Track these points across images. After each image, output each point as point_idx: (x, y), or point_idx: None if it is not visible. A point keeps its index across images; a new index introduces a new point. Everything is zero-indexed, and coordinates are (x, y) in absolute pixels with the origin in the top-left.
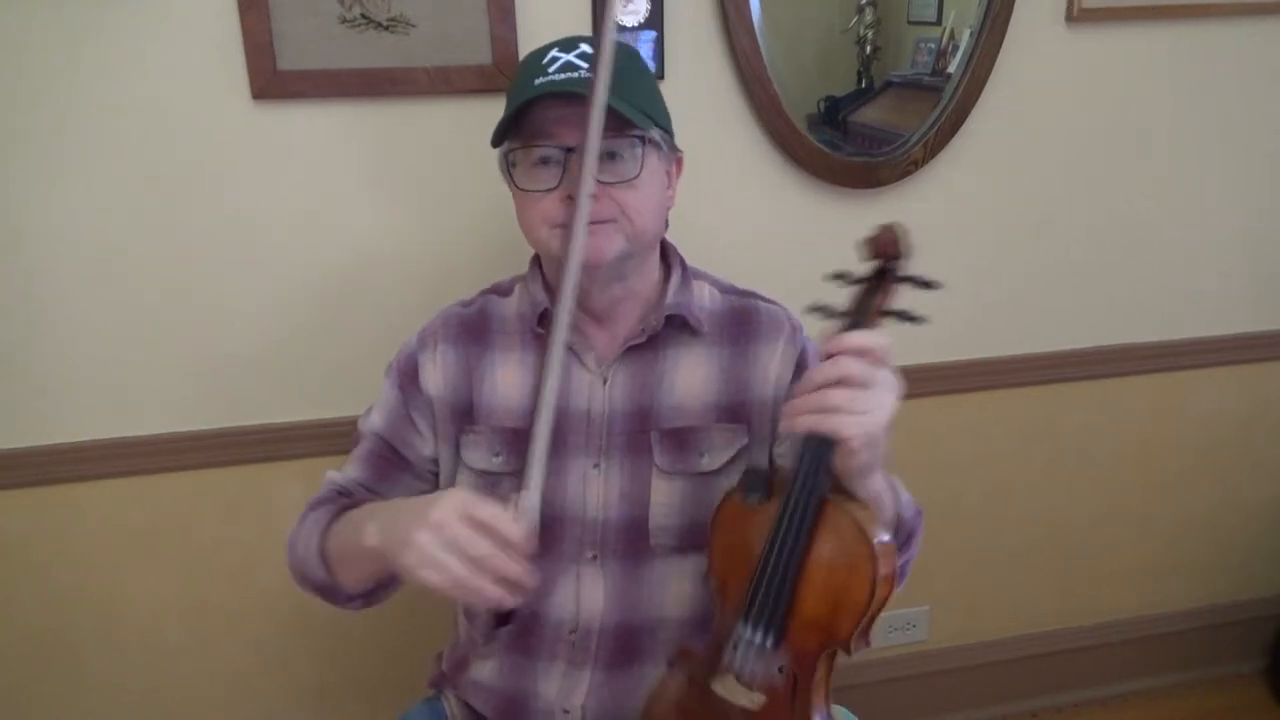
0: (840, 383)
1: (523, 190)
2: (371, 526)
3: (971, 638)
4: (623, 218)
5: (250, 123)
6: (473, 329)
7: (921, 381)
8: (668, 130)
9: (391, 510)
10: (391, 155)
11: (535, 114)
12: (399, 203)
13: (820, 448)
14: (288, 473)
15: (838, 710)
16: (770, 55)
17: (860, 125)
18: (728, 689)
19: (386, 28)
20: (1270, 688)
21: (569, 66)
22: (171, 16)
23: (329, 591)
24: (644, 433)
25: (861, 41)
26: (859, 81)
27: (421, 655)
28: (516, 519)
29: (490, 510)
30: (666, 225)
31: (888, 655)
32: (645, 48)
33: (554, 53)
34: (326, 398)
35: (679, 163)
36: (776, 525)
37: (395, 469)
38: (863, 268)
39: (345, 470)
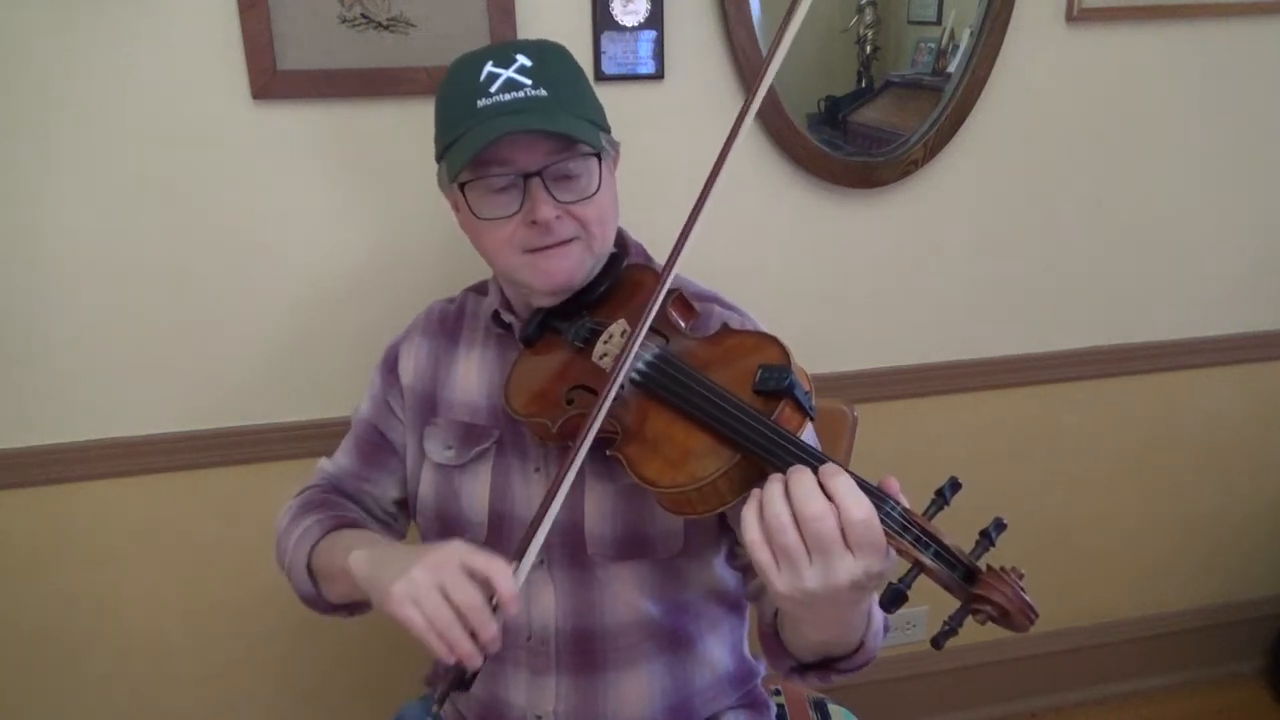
0: (804, 532)
1: (482, 219)
2: (361, 554)
3: (971, 638)
4: (584, 234)
5: (250, 123)
6: (448, 324)
7: (920, 381)
8: (607, 128)
9: (387, 545)
10: (392, 155)
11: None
12: (399, 203)
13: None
14: (287, 472)
15: (838, 710)
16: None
17: (860, 125)
18: None
19: (386, 27)
20: (1270, 687)
21: (512, 85)
22: (171, 16)
23: (313, 601)
24: None
25: (861, 41)
26: (859, 81)
27: (419, 654)
28: (513, 575)
29: (488, 560)
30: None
31: (888, 655)
32: (645, 47)
33: (489, 67)
34: (326, 397)
35: (617, 149)
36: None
37: (382, 453)
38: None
39: (336, 459)
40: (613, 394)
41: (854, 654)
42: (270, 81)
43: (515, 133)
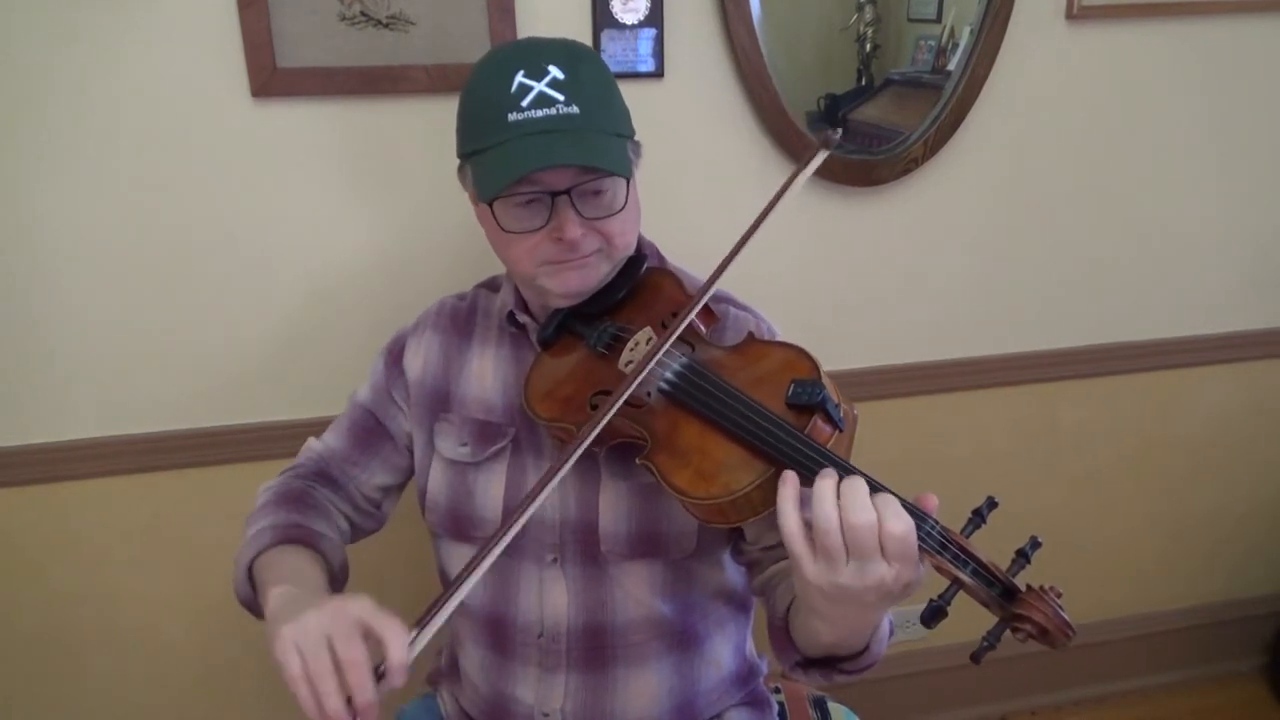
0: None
1: (509, 232)
2: (280, 591)
3: (971, 635)
4: (607, 246)
5: (249, 121)
6: (460, 320)
7: (920, 380)
8: (633, 132)
9: (300, 586)
10: (391, 154)
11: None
12: (398, 201)
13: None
14: None
15: (838, 708)
16: (770, 53)
17: (860, 123)
18: None
19: (386, 25)
20: (1269, 685)
21: (544, 100)
22: (170, 14)
23: (249, 606)
24: None
25: (861, 39)
26: (859, 79)
27: (420, 653)
28: (409, 644)
29: (387, 622)
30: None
31: (887, 653)
32: (645, 45)
33: (520, 78)
34: (325, 396)
35: (639, 153)
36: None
37: (377, 439)
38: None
39: (326, 439)
40: (619, 404)
41: (858, 656)
42: (270, 79)
43: (547, 168)
